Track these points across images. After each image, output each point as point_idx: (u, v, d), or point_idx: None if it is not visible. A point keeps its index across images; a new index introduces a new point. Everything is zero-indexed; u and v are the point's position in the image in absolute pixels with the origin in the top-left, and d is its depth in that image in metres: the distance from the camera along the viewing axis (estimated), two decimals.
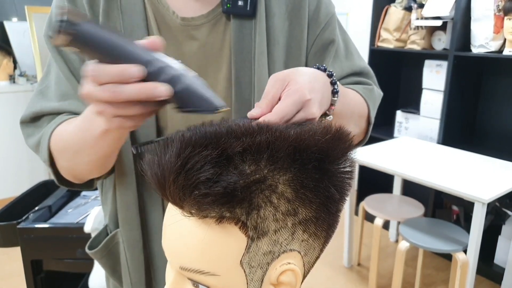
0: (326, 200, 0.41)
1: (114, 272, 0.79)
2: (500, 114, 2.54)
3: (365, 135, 0.78)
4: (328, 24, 0.75)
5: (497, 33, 2.23)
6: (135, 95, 0.43)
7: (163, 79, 0.43)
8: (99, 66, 0.42)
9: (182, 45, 0.69)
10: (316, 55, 0.75)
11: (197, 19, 0.69)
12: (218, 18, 0.69)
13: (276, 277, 0.41)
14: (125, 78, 0.42)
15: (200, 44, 0.69)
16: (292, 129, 0.40)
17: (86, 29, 0.40)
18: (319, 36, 0.74)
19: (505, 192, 1.78)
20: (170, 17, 0.68)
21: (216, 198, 0.36)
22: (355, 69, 0.79)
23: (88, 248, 0.78)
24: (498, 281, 2.32)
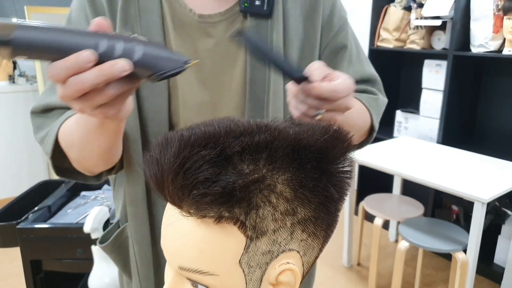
0: (325, 199, 0.41)
1: (125, 267, 0.80)
2: (500, 114, 2.54)
3: (366, 141, 0.79)
4: (341, 29, 0.76)
5: (497, 33, 2.23)
6: (98, 79, 0.42)
7: (117, 55, 0.42)
8: (53, 65, 0.42)
9: (197, 42, 0.70)
10: (328, 59, 0.76)
11: (214, 16, 0.70)
12: (235, 17, 0.70)
13: (275, 277, 0.41)
14: (79, 66, 0.41)
15: (216, 41, 0.70)
16: (291, 129, 0.40)
17: (20, 37, 0.39)
18: (332, 40, 0.76)
19: (504, 191, 1.78)
20: (187, 15, 0.69)
21: (214, 198, 0.36)
22: (364, 76, 0.80)
23: (99, 242, 0.79)
24: (497, 280, 2.32)
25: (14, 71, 3.38)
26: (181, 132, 0.40)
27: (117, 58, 0.42)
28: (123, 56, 0.42)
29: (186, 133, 0.39)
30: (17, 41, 0.39)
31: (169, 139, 0.39)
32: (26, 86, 3.29)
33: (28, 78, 3.40)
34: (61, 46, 0.41)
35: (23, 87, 3.28)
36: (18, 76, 3.33)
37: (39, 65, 3.07)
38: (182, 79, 0.69)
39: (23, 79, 3.33)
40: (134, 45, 0.43)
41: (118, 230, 0.78)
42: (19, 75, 3.35)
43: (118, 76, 0.42)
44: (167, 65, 0.45)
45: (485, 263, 2.40)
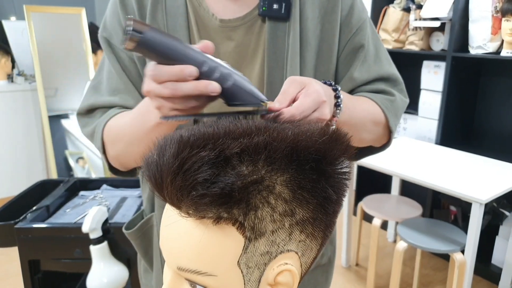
0: (323, 200, 0.41)
1: (145, 254, 0.86)
2: (498, 115, 2.55)
3: (387, 141, 0.81)
4: (359, 30, 0.76)
5: (495, 34, 2.23)
6: (191, 91, 0.49)
7: (214, 77, 0.49)
8: (159, 67, 0.49)
9: (219, 45, 0.73)
10: (346, 59, 0.77)
11: (234, 21, 0.72)
12: (254, 20, 0.73)
13: (273, 278, 0.41)
14: (182, 77, 0.48)
15: (236, 44, 0.73)
16: (290, 130, 0.40)
17: (150, 36, 0.46)
18: (350, 40, 0.76)
19: (502, 192, 1.78)
20: (210, 19, 0.72)
21: (213, 199, 0.36)
22: (382, 74, 0.80)
23: (125, 229, 0.85)
24: (495, 281, 2.33)
25: (13, 70, 3.37)
26: (180, 133, 0.40)
27: (212, 79, 0.49)
28: (218, 81, 0.49)
29: (185, 134, 0.40)
30: (146, 39, 0.46)
31: (168, 140, 0.39)
32: (25, 85, 3.29)
33: (27, 77, 3.39)
34: (175, 55, 0.48)
35: (22, 86, 3.28)
36: (17, 75, 3.33)
37: (37, 64, 3.06)
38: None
39: (21, 78, 3.33)
40: (229, 75, 0.50)
41: (144, 219, 0.83)
42: (17, 74, 3.34)
43: (206, 94, 0.49)
44: (246, 99, 0.52)
45: (483, 263, 2.40)
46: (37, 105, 3.22)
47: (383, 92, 0.80)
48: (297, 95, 0.54)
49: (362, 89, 0.80)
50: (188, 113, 0.53)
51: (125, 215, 1.49)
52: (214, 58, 0.51)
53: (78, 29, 3.31)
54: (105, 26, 0.76)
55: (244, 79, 0.52)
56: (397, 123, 0.79)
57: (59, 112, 3.27)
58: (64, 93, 3.30)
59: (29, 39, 3.05)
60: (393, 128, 0.77)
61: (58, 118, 3.27)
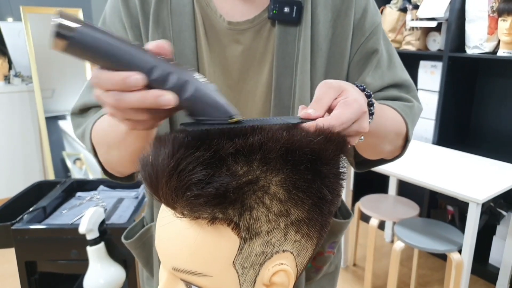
0: (318, 201, 0.41)
1: (147, 263, 0.82)
2: (495, 115, 2.55)
3: (401, 151, 0.76)
4: (372, 34, 0.74)
5: (491, 34, 2.24)
6: (137, 104, 0.41)
7: (169, 86, 0.41)
8: (101, 73, 0.41)
9: (226, 48, 0.70)
10: (359, 64, 0.74)
11: (243, 23, 0.70)
12: (263, 24, 0.70)
13: (269, 278, 0.41)
14: (126, 86, 0.40)
15: (244, 48, 0.70)
16: (285, 131, 0.40)
17: (83, 35, 0.38)
18: (363, 45, 0.74)
19: (499, 192, 1.79)
20: (217, 21, 0.70)
21: (208, 199, 0.36)
22: (396, 80, 0.77)
23: (124, 238, 0.82)
24: (492, 281, 2.33)
25: (10, 71, 3.36)
26: (175, 133, 0.40)
27: (167, 89, 0.41)
28: (173, 90, 0.41)
29: (180, 134, 0.40)
30: (78, 37, 0.38)
31: (163, 140, 0.39)
32: (22, 86, 3.28)
33: (24, 78, 3.38)
34: (118, 58, 0.40)
35: (19, 87, 3.27)
36: (14, 77, 3.32)
37: (34, 65, 3.05)
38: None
39: (18, 79, 3.32)
40: (187, 83, 0.41)
41: (144, 229, 0.81)
42: (14, 76, 3.33)
43: (158, 108, 0.41)
44: (210, 113, 0.43)
45: (480, 263, 2.41)
46: (34, 106, 3.21)
47: (399, 99, 0.76)
48: (334, 103, 0.48)
49: (375, 96, 0.75)
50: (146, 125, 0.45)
51: (121, 216, 1.48)
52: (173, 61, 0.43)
53: None
54: (104, 22, 0.73)
55: (209, 88, 0.43)
56: (413, 131, 0.75)
57: (56, 113, 3.26)
58: (61, 94, 3.29)
59: (26, 40, 3.05)
60: (410, 137, 0.73)
61: (55, 119, 3.26)
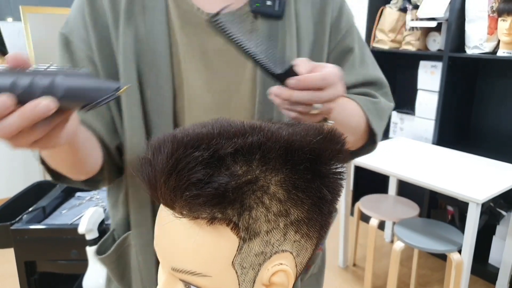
0: (318, 201, 0.41)
1: (122, 278, 0.78)
2: (495, 115, 2.55)
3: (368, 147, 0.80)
4: (348, 33, 0.76)
5: (491, 34, 2.24)
6: (22, 123, 0.38)
7: (39, 93, 0.39)
8: None
9: (206, 42, 0.68)
10: (334, 62, 0.75)
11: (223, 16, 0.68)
12: (245, 17, 0.69)
13: (268, 278, 0.41)
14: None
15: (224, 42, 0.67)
16: (284, 130, 0.40)
17: None
18: (339, 43, 0.75)
19: (499, 192, 1.79)
20: (194, 14, 0.68)
21: (207, 199, 0.36)
22: (368, 78, 0.79)
23: (97, 253, 0.78)
24: (492, 281, 2.33)
25: None
26: (174, 133, 0.40)
27: (40, 96, 0.38)
28: (46, 94, 0.39)
29: (179, 134, 0.39)
30: None
31: (162, 140, 0.39)
32: None
33: None
34: None
35: None
36: None
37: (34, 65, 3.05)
38: (188, 79, 0.68)
39: None
40: (55, 80, 0.39)
41: (119, 240, 0.75)
42: None
43: (43, 117, 0.39)
44: (96, 96, 0.42)
45: (480, 263, 2.41)
46: None
47: (366, 94, 0.79)
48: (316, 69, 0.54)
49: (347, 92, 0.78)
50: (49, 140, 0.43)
51: None
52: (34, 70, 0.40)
53: None
54: (67, 22, 0.71)
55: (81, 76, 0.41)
56: (381, 126, 0.78)
57: None
58: None
59: (25, 40, 3.05)
60: (376, 130, 0.75)
61: None
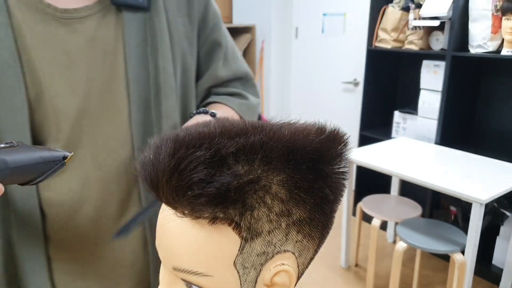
0: (320, 200, 0.40)
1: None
2: (498, 115, 2.54)
3: None
4: (216, 26, 0.77)
5: (495, 33, 2.23)
6: None
7: None
8: None
9: (65, 42, 0.62)
10: (206, 56, 0.77)
11: (81, 10, 0.62)
12: (107, 10, 0.64)
13: (270, 278, 0.41)
14: None
15: (88, 38, 0.63)
16: (287, 130, 0.40)
17: None
18: (208, 37, 0.76)
19: (503, 192, 1.78)
20: (45, 11, 0.61)
21: (209, 199, 0.36)
22: (238, 74, 0.82)
23: None
24: (496, 282, 2.32)
25: None
26: (176, 132, 0.40)
27: None
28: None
29: (181, 133, 0.39)
30: None
31: (164, 140, 0.39)
32: None
33: None
34: None
35: None
36: None
37: None
38: (49, 87, 0.61)
39: None
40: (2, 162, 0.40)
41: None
42: None
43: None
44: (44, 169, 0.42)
45: (483, 264, 2.40)
46: None
47: (237, 94, 0.81)
48: None
49: (219, 91, 0.80)
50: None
51: None
52: None
53: None
54: None
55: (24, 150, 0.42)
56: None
57: None
58: None
59: None
60: None
61: None
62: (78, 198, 0.67)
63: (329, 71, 3.68)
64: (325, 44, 3.66)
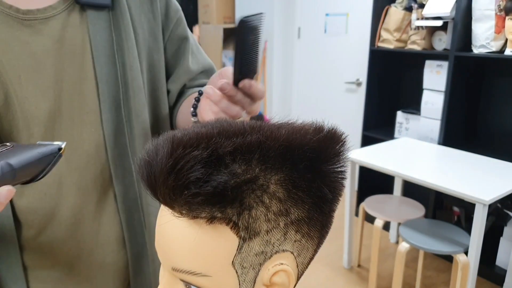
0: (318, 200, 0.40)
1: None
2: (501, 115, 2.53)
3: None
4: (179, 21, 0.78)
5: (498, 33, 2.22)
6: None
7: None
8: None
9: (30, 44, 0.61)
10: (173, 51, 0.78)
11: (44, 11, 0.62)
12: (71, 10, 0.64)
13: (269, 278, 0.41)
14: None
15: (54, 40, 0.62)
16: (284, 129, 0.40)
17: None
18: (173, 32, 0.77)
19: (506, 193, 1.77)
20: (6, 12, 0.59)
21: (206, 198, 0.36)
22: (206, 66, 0.84)
23: None
24: (499, 283, 2.31)
25: None
26: (174, 133, 0.40)
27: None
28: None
29: (178, 134, 0.39)
30: None
31: (161, 140, 0.39)
32: None
33: None
34: None
35: None
36: None
37: None
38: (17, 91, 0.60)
39: None
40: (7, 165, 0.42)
41: None
42: None
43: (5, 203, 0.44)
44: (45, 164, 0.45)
45: (487, 265, 2.39)
46: None
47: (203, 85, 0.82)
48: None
49: (191, 84, 0.82)
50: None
51: None
52: None
53: None
54: None
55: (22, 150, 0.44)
56: None
57: None
58: None
59: None
60: None
61: None
62: (54, 203, 0.66)
63: (332, 71, 3.68)
64: (328, 44, 3.66)
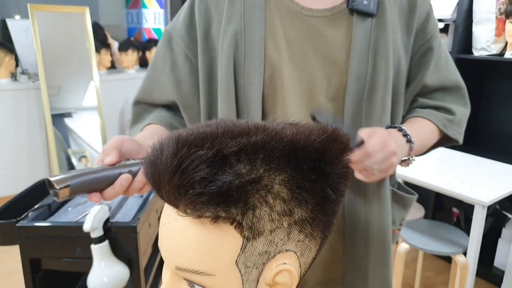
0: (322, 200, 0.41)
1: None
2: (501, 117, 2.54)
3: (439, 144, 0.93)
4: (434, 37, 0.82)
5: (499, 36, 2.22)
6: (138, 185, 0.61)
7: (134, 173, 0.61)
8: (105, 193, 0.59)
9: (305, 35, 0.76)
10: (417, 60, 0.83)
11: (321, 11, 0.76)
12: (342, 14, 0.76)
13: (272, 278, 0.41)
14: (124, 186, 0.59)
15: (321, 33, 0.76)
16: (288, 130, 0.40)
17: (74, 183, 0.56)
18: (424, 45, 0.81)
19: (505, 194, 1.77)
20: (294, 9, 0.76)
21: (211, 198, 0.36)
22: (447, 83, 0.86)
23: None
24: (497, 283, 2.32)
25: (17, 69, 3.38)
26: (179, 132, 0.40)
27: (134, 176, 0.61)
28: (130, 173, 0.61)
29: (183, 133, 0.40)
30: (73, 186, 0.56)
31: (166, 139, 0.39)
32: (28, 84, 3.30)
33: (30, 76, 3.40)
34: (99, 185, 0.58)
35: (25, 84, 3.28)
36: (20, 74, 3.33)
37: (41, 63, 3.07)
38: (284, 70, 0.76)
39: (25, 76, 3.33)
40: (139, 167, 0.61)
41: None
42: (21, 73, 3.35)
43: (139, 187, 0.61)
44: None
45: (485, 266, 2.39)
46: (40, 103, 3.23)
47: (442, 109, 0.85)
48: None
49: (424, 102, 0.85)
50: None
51: (126, 214, 1.49)
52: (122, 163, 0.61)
53: (82, 28, 3.32)
54: (173, 21, 0.85)
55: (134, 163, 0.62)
56: (461, 132, 0.88)
57: (62, 111, 3.28)
58: (67, 91, 3.31)
59: (33, 38, 3.06)
60: (457, 137, 0.88)
61: (61, 116, 3.28)
62: None
63: None
64: None
